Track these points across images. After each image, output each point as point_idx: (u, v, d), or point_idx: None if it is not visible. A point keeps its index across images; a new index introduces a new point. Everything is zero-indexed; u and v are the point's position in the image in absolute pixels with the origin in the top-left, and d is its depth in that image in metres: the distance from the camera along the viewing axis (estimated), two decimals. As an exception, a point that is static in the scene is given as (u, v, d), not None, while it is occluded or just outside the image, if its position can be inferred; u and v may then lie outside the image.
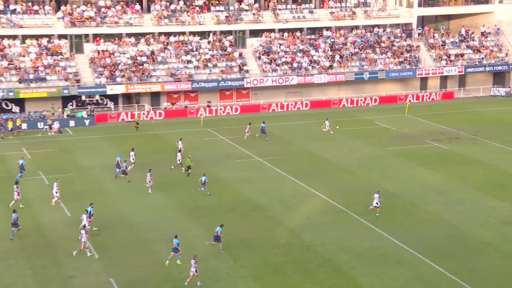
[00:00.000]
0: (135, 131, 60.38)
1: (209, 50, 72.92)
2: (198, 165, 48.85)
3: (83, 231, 34.46)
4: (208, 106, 69.54)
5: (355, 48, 76.27)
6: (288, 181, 45.86)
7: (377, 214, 39.12)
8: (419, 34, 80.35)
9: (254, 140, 56.95)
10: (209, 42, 73.86)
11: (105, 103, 68.42)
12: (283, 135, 58.98)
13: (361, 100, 72.81)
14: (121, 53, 70.06)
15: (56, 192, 41.17)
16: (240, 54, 73.05)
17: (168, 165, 48.87)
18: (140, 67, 68.81)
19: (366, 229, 37.05)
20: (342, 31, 78.21)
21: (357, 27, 79.47)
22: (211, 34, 74.18)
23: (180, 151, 49.15)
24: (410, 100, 72.29)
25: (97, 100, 67.87)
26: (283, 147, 54.63)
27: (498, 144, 55.55)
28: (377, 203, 39.22)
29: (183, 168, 47.64)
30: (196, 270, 30.60)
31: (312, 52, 74.98)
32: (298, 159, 51.32)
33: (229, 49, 73.31)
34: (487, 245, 34.91)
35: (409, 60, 75.96)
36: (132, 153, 48.48)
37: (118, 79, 67.20)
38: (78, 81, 66.30)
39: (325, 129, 58.87)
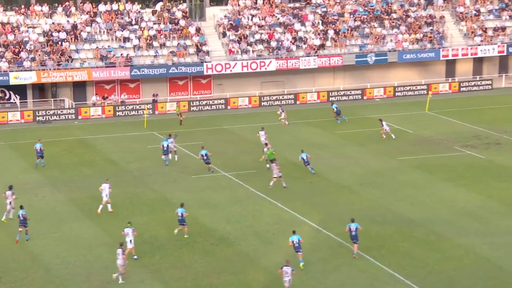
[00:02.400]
0: (179, 125, 63.40)
1: (154, 24, 72.72)
2: (140, 182, 48.53)
3: (119, 250, 34.93)
4: (154, 100, 69.29)
5: (355, 20, 76.74)
6: (266, 204, 45.80)
7: None
8: (444, 0, 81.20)
9: (220, 145, 56.84)
10: (154, 13, 73.66)
11: (7, 97, 67.94)
12: (259, 141, 58.97)
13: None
14: (29, 27, 69.53)
15: (106, 196, 44.03)
16: (198, 30, 73.01)
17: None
18: (58, 47, 68.33)
19: (374, 270, 37.10)
20: (338, -3, 78.71)
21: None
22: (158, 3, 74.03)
23: (266, 144, 53.04)
24: (431, 93, 72.94)
25: (-4, 93, 67.72)
26: (258, 157, 54.59)
27: (552, 151, 56.30)
28: None
29: (268, 165, 51.45)
30: (289, 280, 33.12)
31: (297, 26, 75.25)
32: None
33: (182, 23, 73.21)
34: (541, 290, 35.22)
35: (430, 37, 76.67)
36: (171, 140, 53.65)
37: (26, 64, 66.65)
38: (-31, 66, 65.86)
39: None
